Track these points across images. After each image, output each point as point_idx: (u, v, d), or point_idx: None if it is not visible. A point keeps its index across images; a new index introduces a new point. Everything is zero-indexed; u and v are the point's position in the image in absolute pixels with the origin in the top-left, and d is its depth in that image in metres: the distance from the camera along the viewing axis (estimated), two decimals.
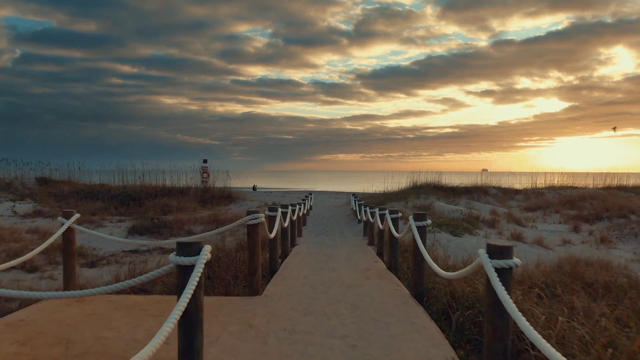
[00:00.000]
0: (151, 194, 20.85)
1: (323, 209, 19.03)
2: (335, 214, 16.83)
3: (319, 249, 8.69)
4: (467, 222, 11.86)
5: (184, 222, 13.76)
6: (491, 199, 21.33)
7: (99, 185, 23.27)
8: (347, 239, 10.59)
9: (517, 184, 25.06)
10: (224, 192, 20.80)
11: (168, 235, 12.59)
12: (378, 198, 17.42)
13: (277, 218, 6.17)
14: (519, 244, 9.72)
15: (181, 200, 20.13)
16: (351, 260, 7.22)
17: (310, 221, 14.24)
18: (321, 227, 12.94)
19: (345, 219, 14.99)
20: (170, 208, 18.83)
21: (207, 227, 13.34)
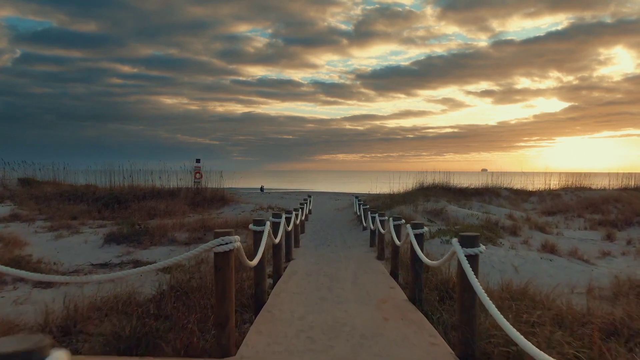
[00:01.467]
0: (138, 196, 19.44)
1: (323, 212, 17.57)
2: (336, 218, 15.37)
3: (319, 265, 7.22)
4: (487, 230, 10.40)
5: (168, 228, 12.29)
6: (503, 201, 19.88)
7: (84, 187, 21.84)
8: (351, 250, 9.12)
9: (526, 184, 23.52)
10: (216, 194, 19.34)
11: (148, 244, 11.14)
12: (383, 201, 15.96)
13: (264, 236, 4.71)
14: (554, 258, 8.26)
15: (170, 203, 18.72)
16: (360, 284, 5.74)
17: (310, 227, 12.77)
18: (321, 235, 11.47)
19: (348, 225, 13.53)
20: (158, 212, 17.42)
21: (193, 234, 11.90)
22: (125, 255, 10.17)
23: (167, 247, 11.06)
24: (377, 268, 6.96)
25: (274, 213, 6.35)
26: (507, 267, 7.46)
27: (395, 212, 12.39)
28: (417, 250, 4.73)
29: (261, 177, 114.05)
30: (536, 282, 6.74)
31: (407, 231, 5.07)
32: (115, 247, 11.11)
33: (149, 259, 9.80)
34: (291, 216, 7.86)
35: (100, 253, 10.47)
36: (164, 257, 10.03)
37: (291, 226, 7.53)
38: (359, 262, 7.63)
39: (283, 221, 6.19)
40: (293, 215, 7.87)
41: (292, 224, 7.68)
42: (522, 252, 8.61)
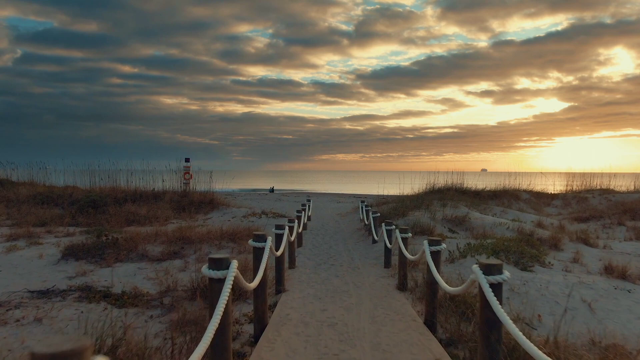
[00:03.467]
0: (119, 200, 17.47)
1: (324, 218, 15.56)
2: (340, 227, 13.37)
3: (321, 302, 5.25)
4: (527, 244, 8.42)
5: (140, 239, 10.31)
6: (523, 205, 17.91)
7: (61, 189, 19.86)
8: (362, 273, 7.13)
9: (532, 185, 21.36)
10: (205, 197, 17.36)
11: (112, 260, 9.16)
12: (392, 205, 13.97)
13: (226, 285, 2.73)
14: (631, 287, 6.27)
15: (153, 207, 16.76)
16: (383, 344, 3.75)
17: (309, 239, 10.77)
18: (323, 249, 9.48)
19: (354, 235, 11.54)
20: (137, 217, 15.46)
21: (169, 247, 9.93)
22: (80, 276, 8.20)
23: (135, 264, 9.09)
24: (402, 309, 4.96)
25: (256, 234, 4.36)
26: (577, 302, 5.48)
27: (411, 222, 10.42)
28: (492, 306, 2.73)
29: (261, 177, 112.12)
30: (624, 329, 4.78)
31: None
32: (73, 263, 9.13)
33: (107, 281, 7.84)
34: (283, 232, 5.87)
35: (50, 272, 8.49)
36: (127, 278, 8.08)
37: (282, 249, 5.54)
38: (374, 295, 5.64)
39: (268, 247, 4.19)
40: (286, 231, 5.88)
41: (284, 244, 5.69)
42: (583, 277, 6.63)
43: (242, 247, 9.73)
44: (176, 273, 8.26)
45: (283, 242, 5.63)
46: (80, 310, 5.93)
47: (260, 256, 4.15)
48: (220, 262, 2.91)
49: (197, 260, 9.15)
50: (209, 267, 3.01)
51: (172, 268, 8.65)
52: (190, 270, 8.46)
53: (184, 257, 9.51)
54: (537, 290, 5.84)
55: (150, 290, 7.16)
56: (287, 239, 5.92)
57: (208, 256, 3.21)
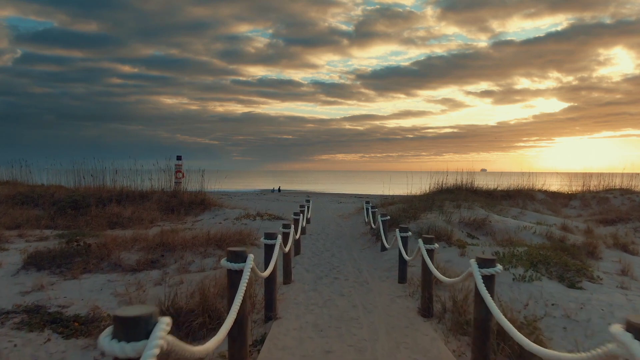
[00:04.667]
0: (103, 200, 16.16)
1: (325, 221, 14.25)
2: (342, 230, 12.05)
3: (323, 336, 3.96)
4: (568, 253, 7.13)
5: (115, 246, 9.02)
6: (539, 206, 16.62)
7: (43, 188, 18.52)
8: (372, 292, 5.81)
9: (547, 185, 19.96)
10: (196, 197, 16.04)
11: (79, 271, 7.88)
12: (401, 207, 12.67)
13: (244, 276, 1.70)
14: None
15: (138, 208, 15.44)
16: None
17: (308, 245, 9.47)
18: (324, 258, 8.16)
19: (359, 240, 10.22)
20: (121, 219, 14.15)
21: (147, 254, 8.64)
22: (36, 291, 6.92)
23: (106, 275, 7.80)
24: (433, 349, 3.65)
25: (232, 251, 3.06)
26: None
27: (424, 225, 9.13)
28: None
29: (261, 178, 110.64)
30: None
31: None
32: (34, 274, 7.83)
33: (66, 298, 6.56)
34: (275, 243, 4.57)
35: (4, 286, 7.21)
36: (92, 294, 6.79)
37: (273, 265, 4.23)
38: (392, 325, 4.34)
39: (247, 274, 2.89)
40: (278, 242, 4.57)
41: (276, 258, 4.38)
42: None
43: None
44: (150, 288, 6.98)
45: (274, 255, 4.32)
46: (13, 343, 4.64)
47: (236, 283, 2.85)
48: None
49: (178, 270, 7.86)
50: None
51: (147, 281, 7.36)
52: (167, 284, 7.17)
53: (163, 266, 8.21)
54: (601, 317, 4.54)
55: (114, 311, 5.88)
56: (280, 250, 4.62)
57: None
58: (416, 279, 6.20)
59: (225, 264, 3.00)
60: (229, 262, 2.99)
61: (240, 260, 3.00)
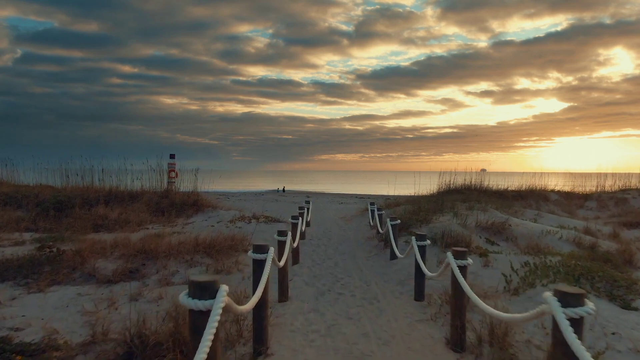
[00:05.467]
0: (90, 201, 15.18)
1: (326, 223, 13.26)
2: (345, 234, 11.05)
3: None
4: (611, 265, 6.16)
5: (92, 252, 8.05)
6: (553, 207, 15.65)
7: (28, 188, 17.52)
8: (385, 314, 4.82)
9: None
10: (188, 198, 15.06)
11: (46, 283, 6.91)
12: (409, 208, 11.69)
13: None
14: None
15: (126, 209, 14.46)
16: None
17: (307, 253, 8.48)
18: (326, 269, 7.16)
19: (364, 247, 9.23)
20: (107, 221, 13.18)
21: (126, 263, 7.68)
22: None
23: (77, 287, 6.83)
24: None
25: (196, 282, 2.06)
26: None
27: (438, 230, 8.15)
28: None
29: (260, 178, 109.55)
30: None
31: None
32: None
33: (24, 317, 5.60)
34: (266, 258, 3.59)
35: None
36: (55, 312, 5.83)
37: (261, 290, 3.24)
38: None
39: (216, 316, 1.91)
40: (270, 257, 3.59)
41: (266, 279, 3.40)
42: None
43: (220, 264, 7.47)
44: (124, 304, 6.00)
45: (264, 275, 3.34)
46: None
47: (200, 329, 1.87)
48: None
49: (159, 282, 6.88)
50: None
51: (121, 295, 6.39)
52: (145, 299, 6.20)
53: (143, 277, 7.23)
54: None
55: (74, 335, 4.89)
56: (273, 265, 3.65)
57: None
58: (436, 295, 5.23)
59: (186, 301, 2.02)
60: (190, 299, 2.01)
61: (207, 296, 2.02)
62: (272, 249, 3.73)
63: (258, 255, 3.64)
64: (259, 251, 3.66)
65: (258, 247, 3.68)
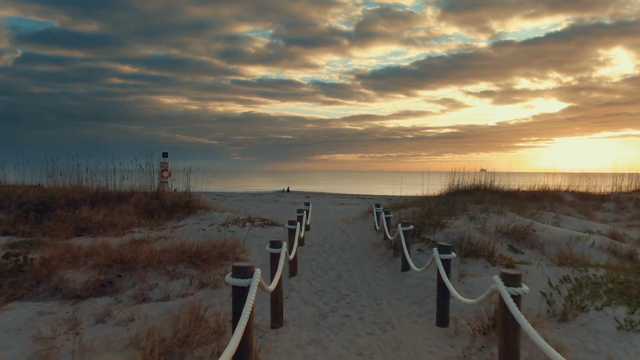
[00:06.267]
0: (75, 202, 14.25)
1: (327, 227, 12.29)
2: (348, 239, 10.07)
3: None
4: None
5: (59, 263, 7.09)
6: (569, 209, 14.69)
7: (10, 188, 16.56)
8: (404, 347, 3.84)
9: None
10: (180, 199, 14.11)
11: (3, 299, 5.96)
12: (417, 211, 10.72)
13: None
14: None
15: (113, 211, 13.53)
16: None
17: (306, 263, 7.50)
18: (328, 283, 6.18)
19: (371, 255, 8.24)
20: (90, 224, 12.25)
21: (100, 274, 6.74)
22: None
23: (39, 304, 5.88)
24: None
25: None
26: None
27: (455, 236, 7.19)
28: None
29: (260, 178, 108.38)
30: None
31: None
32: None
33: None
34: (249, 285, 2.62)
35: None
36: (6, 338, 4.88)
37: (239, 335, 2.27)
38: None
39: None
40: (254, 282, 2.63)
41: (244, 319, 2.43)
42: None
43: (206, 275, 6.49)
44: (88, 327, 5.05)
45: (245, 311, 2.38)
46: None
47: None
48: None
49: (134, 298, 5.92)
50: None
51: (88, 315, 5.43)
52: (113, 321, 5.24)
53: (116, 291, 6.27)
54: None
55: None
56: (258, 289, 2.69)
57: None
58: (464, 320, 4.27)
59: None
60: None
61: None
62: (257, 271, 2.77)
63: (239, 280, 2.68)
64: (240, 274, 2.70)
65: (238, 269, 2.72)
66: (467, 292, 5.17)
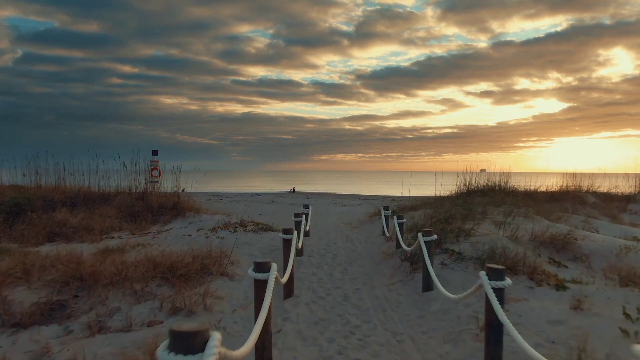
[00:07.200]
0: (54, 203, 13.07)
1: (329, 232, 11.03)
2: (354, 247, 8.80)
3: None
4: None
5: (6, 279, 5.87)
6: (592, 211, 13.45)
7: None
8: None
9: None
10: (167, 200, 12.89)
11: None
12: (429, 214, 9.48)
13: None
14: None
15: (93, 214, 12.32)
16: None
17: (306, 279, 6.23)
18: (332, 309, 4.89)
19: (382, 268, 6.98)
20: (65, 229, 11.06)
21: (52, 294, 5.50)
22: None
23: None
24: None
25: None
26: None
27: (484, 246, 5.95)
28: None
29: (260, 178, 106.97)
30: None
31: None
32: None
33: None
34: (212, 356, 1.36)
35: None
36: None
37: None
38: None
39: None
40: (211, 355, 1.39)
41: None
42: None
43: (180, 297, 5.24)
44: None
45: None
46: None
47: None
48: None
49: (88, 327, 4.66)
50: None
51: (22, 353, 4.23)
52: None
53: (68, 317, 5.01)
54: None
55: None
56: None
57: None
58: None
59: None
60: None
61: None
62: (216, 336, 1.53)
63: None
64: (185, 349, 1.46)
65: (181, 336, 1.49)
66: (515, 324, 3.94)
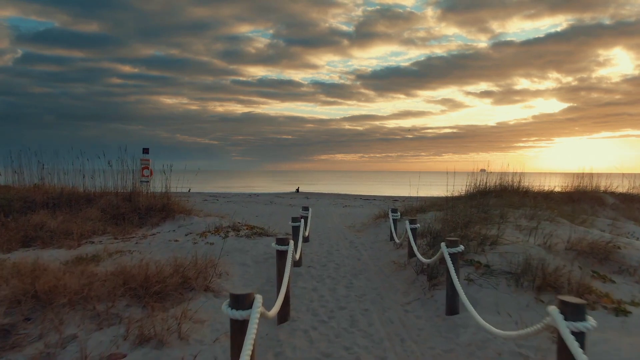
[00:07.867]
0: (35, 204, 12.16)
1: (330, 237, 10.07)
2: (359, 255, 7.85)
3: None
4: None
5: None
6: (612, 213, 12.53)
7: None
8: None
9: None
10: (155, 201, 11.95)
11: None
12: (442, 217, 8.55)
13: None
14: None
15: (75, 216, 11.39)
16: None
17: (305, 296, 5.28)
18: (336, 341, 3.93)
19: (395, 282, 6.03)
20: (42, 232, 10.15)
21: (6, 314, 4.54)
22: None
23: None
24: None
25: None
26: None
27: (515, 257, 5.02)
28: None
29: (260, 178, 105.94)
30: None
31: None
32: None
33: None
34: None
35: None
36: None
37: None
38: None
39: None
40: None
41: None
42: None
43: (151, 321, 4.30)
44: None
45: None
46: None
47: None
48: None
49: None
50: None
51: None
52: None
53: (12, 347, 4.07)
54: None
55: None
56: None
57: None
58: None
59: None
60: None
61: None
62: None
63: None
64: None
65: None
66: None
